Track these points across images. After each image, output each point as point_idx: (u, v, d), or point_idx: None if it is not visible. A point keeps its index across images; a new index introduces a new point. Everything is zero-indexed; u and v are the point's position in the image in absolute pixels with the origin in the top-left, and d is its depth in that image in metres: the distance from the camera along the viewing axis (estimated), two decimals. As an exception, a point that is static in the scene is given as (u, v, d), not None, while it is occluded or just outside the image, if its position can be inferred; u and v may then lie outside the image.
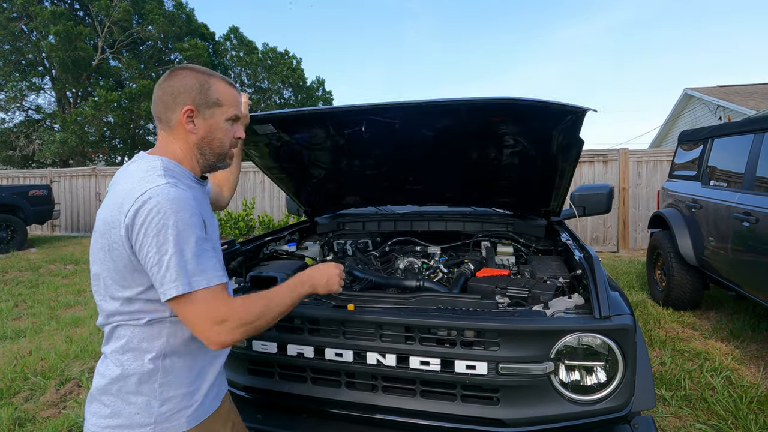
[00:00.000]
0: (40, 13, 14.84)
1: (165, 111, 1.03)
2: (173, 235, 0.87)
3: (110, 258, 0.93)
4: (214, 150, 1.07)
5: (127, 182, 0.94)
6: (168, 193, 0.89)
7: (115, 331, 0.97)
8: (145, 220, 0.87)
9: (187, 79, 1.02)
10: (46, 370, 3.04)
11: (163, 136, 1.05)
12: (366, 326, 1.32)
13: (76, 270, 6.65)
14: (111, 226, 0.91)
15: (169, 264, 0.86)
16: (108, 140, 18.61)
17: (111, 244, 0.92)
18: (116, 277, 0.93)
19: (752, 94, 13.04)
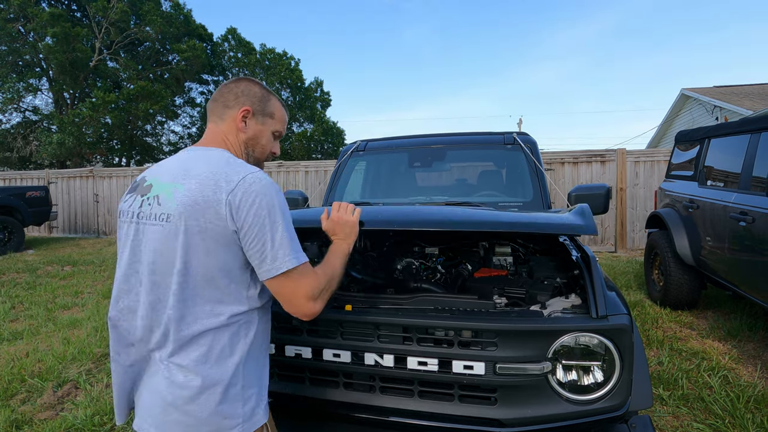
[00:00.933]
0: (38, 14, 14.81)
1: (224, 107, 1.11)
2: (281, 215, 0.96)
3: (201, 239, 0.93)
4: (256, 154, 1.16)
5: (209, 167, 0.98)
6: (265, 178, 0.98)
7: (195, 339, 0.95)
8: (255, 201, 0.93)
9: (253, 87, 1.13)
10: (43, 372, 3.03)
11: (213, 129, 1.12)
12: (364, 327, 1.32)
13: (74, 271, 6.63)
14: (206, 207, 0.93)
15: (282, 240, 0.95)
16: (105, 141, 18.57)
17: (206, 224, 0.93)
18: (208, 264, 0.94)
19: (749, 95, 13.09)
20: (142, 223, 1.00)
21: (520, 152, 2.77)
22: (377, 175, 3.16)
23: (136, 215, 1.02)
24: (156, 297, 0.97)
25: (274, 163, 10.17)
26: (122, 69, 17.70)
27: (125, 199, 1.07)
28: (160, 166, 1.07)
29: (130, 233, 1.02)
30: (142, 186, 1.05)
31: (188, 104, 22.07)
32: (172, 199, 0.96)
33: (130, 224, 1.03)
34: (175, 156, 1.08)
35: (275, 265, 0.94)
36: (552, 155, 8.29)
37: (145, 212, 1.00)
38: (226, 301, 0.97)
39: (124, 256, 1.03)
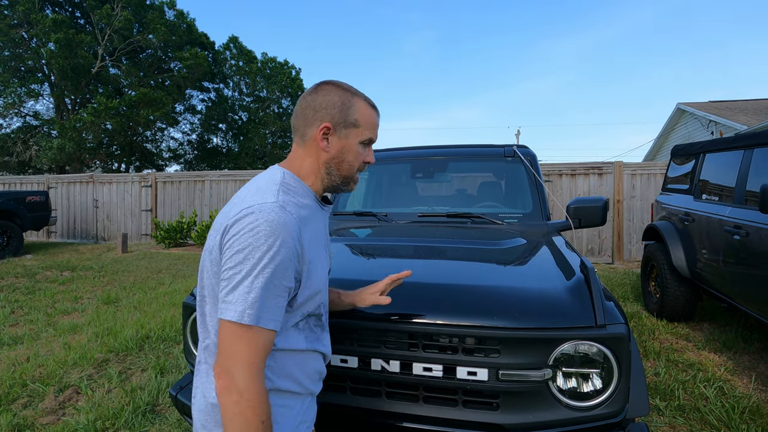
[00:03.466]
0: (41, 20, 14.94)
1: (303, 124, 1.01)
2: (254, 259, 0.83)
3: (209, 260, 0.92)
4: (342, 172, 1.03)
5: (245, 192, 0.95)
6: (269, 214, 0.85)
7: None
8: (239, 232, 0.85)
9: (331, 95, 1.00)
10: (44, 377, 3.04)
11: (296, 149, 1.04)
12: (370, 333, 1.36)
13: (73, 277, 6.63)
14: (216, 230, 0.91)
15: (238, 285, 0.83)
16: (106, 147, 18.61)
17: (213, 246, 0.91)
18: (211, 285, 0.92)
19: (743, 110, 13.28)
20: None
21: (520, 165, 2.83)
22: (379, 185, 3.22)
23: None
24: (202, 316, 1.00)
25: (274, 171, 10.22)
26: (124, 76, 17.82)
27: None
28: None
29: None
30: None
31: (189, 111, 22.18)
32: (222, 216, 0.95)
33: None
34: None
35: (221, 306, 0.84)
36: (550, 167, 8.38)
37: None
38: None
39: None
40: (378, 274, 1.66)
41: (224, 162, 22.82)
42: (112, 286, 5.96)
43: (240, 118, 23.15)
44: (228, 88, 22.62)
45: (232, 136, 23.40)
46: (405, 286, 1.48)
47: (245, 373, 0.81)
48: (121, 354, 3.50)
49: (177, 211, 10.79)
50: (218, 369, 0.83)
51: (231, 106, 22.58)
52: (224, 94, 22.54)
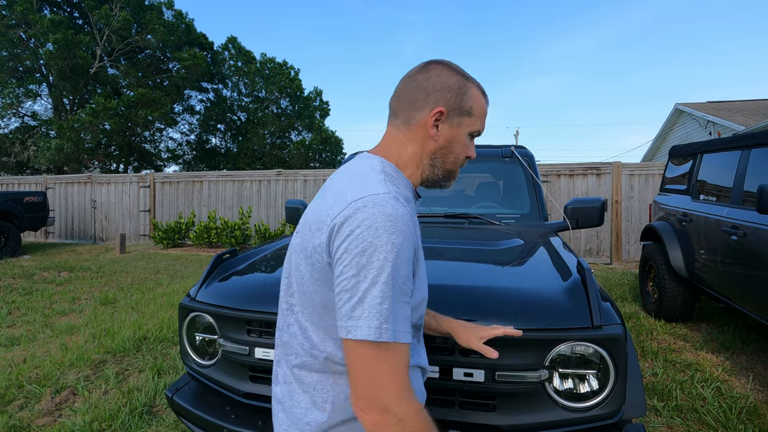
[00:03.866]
0: (40, 21, 14.92)
1: (409, 107, 0.87)
2: (380, 261, 0.69)
3: (306, 264, 0.79)
4: (447, 165, 0.91)
5: (342, 183, 0.81)
6: (386, 207, 0.72)
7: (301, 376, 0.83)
8: (354, 231, 0.71)
9: (447, 77, 0.87)
10: (41, 378, 3.03)
11: (394, 133, 0.90)
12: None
13: (71, 277, 6.62)
14: (315, 228, 0.78)
15: (366, 295, 0.69)
16: (104, 147, 18.59)
17: (313, 248, 0.77)
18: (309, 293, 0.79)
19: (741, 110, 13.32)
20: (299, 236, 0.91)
21: (517, 165, 2.83)
22: None
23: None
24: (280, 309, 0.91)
25: (272, 171, 10.23)
26: (122, 76, 17.80)
27: None
28: (335, 173, 0.93)
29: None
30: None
31: (187, 111, 22.16)
32: (306, 213, 0.86)
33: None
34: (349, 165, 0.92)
35: (348, 324, 0.70)
36: (548, 167, 8.39)
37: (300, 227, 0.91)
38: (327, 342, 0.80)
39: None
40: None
41: (223, 162, 22.81)
42: (110, 287, 5.95)
43: (239, 119, 23.14)
44: (227, 88, 22.62)
45: (230, 137, 23.38)
46: None
47: (398, 398, 0.68)
48: (118, 355, 3.49)
49: (175, 211, 10.78)
50: (362, 402, 0.69)
51: (230, 107, 22.57)
52: (223, 94, 22.54)
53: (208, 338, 1.61)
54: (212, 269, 1.74)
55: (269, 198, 10.18)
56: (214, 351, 1.60)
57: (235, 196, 10.44)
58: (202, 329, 1.63)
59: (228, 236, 9.29)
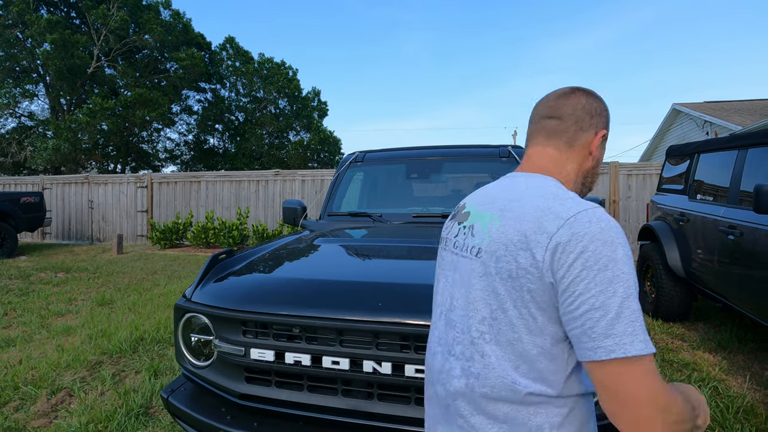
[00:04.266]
0: (36, 21, 14.87)
1: (576, 128, 0.90)
2: (624, 274, 0.67)
3: (510, 288, 0.74)
4: (592, 182, 0.96)
5: (533, 198, 0.79)
6: (609, 220, 0.71)
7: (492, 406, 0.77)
8: (588, 247, 0.68)
9: (602, 104, 0.93)
10: (36, 380, 3.02)
11: (551, 153, 0.91)
12: (362, 334, 1.35)
13: (67, 278, 6.59)
14: (520, 247, 0.74)
15: (621, 311, 0.65)
16: (101, 148, 18.54)
17: (517, 271, 0.73)
18: (509, 318, 0.75)
19: (738, 110, 13.36)
20: (455, 253, 0.89)
21: (515, 165, 2.83)
22: (375, 185, 3.21)
23: (453, 244, 0.91)
24: (452, 338, 0.84)
25: (270, 171, 10.22)
26: (120, 76, 17.76)
27: (446, 225, 0.99)
28: (481, 192, 0.93)
29: (444, 263, 0.93)
30: (460, 213, 0.95)
31: (185, 112, 22.13)
32: (486, 231, 0.81)
33: (446, 252, 0.94)
34: (497, 181, 0.94)
35: (606, 344, 0.65)
36: (546, 167, 8.39)
37: (460, 242, 0.88)
38: (530, 373, 0.74)
39: (438, 286, 0.94)
40: (371, 275, 1.65)
41: (221, 163, 22.77)
42: (107, 288, 5.93)
43: (237, 119, 23.11)
44: (224, 88, 22.59)
45: (228, 137, 23.36)
46: (398, 287, 1.47)
47: (669, 397, 0.66)
48: (114, 356, 3.47)
49: (173, 212, 10.76)
50: (648, 411, 0.65)
51: (227, 107, 22.55)
52: (221, 94, 22.51)
53: (203, 339, 1.60)
54: (208, 270, 1.74)
55: (267, 198, 10.16)
56: (210, 352, 1.60)
57: (233, 196, 10.42)
58: (197, 330, 1.63)
59: (226, 236, 9.27)
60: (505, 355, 0.75)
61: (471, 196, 0.96)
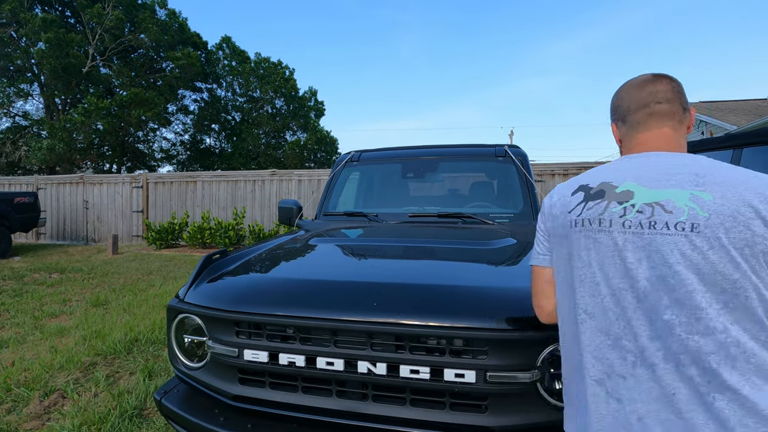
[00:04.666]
0: (31, 20, 14.77)
1: (681, 108, 1.00)
2: None
3: (745, 256, 0.79)
4: None
5: (729, 173, 0.85)
6: None
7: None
8: None
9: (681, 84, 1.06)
10: (29, 381, 2.98)
11: (669, 133, 0.98)
12: (357, 335, 1.34)
13: (62, 279, 6.54)
14: (749, 217, 0.79)
15: None
16: (97, 147, 18.44)
17: (753, 238, 0.78)
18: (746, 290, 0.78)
19: (733, 110, 13.43)
20: (635, 233, 0.87)
21: (511, 164, 2.83)
22: (371, 185, 3.20)
23: (622, 224, 0.89)
24: (672, 317, 0.82)
25: (266, 171, 10.19)
26: (115, 75, 17.67)
27: (588, 206, 0.95)
28: (633, 171, 0.93)
29: (604, 245, 0.90)
30: (612, 192, 0.93)
31: (181, 111, 22.04)
32: (693, 206, 0.83)
33: (605, 233, 0.90)
34: (633, 160, 0.97)
35: None
36: (542, 167, 8.41)
37: (643, 221, 0.87)
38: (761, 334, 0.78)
39: (593, 269, 0.91)
40: (366, 275, 1.64)
41: (217, 162, 22.70)
42: (102, 288, 5.89)
43: (233, 119, 23.05)
44: (221, 88, 22.52)
45: (225, 137, 23.29)
46: (392, 287, 1.46)
47: None
48: (109, 357, 3.44)
49: (168, 212, 10.71)
50: None
51: (224, 107, 22.48)
52: (217, 94, 22.44)
53: (196, 340, 1.58)
54: (201, 270, 1.72)
55: (263, 198, 10.13)
56: (203, 353, 1.58)
57: (229, 196, 10.38)
58: (190, 331, 1.61)
59: (222, 237, 9.23)
60: (739, 322, 0.79)
61: (603, 174, 0.98)
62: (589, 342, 0.91)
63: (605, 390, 0.88)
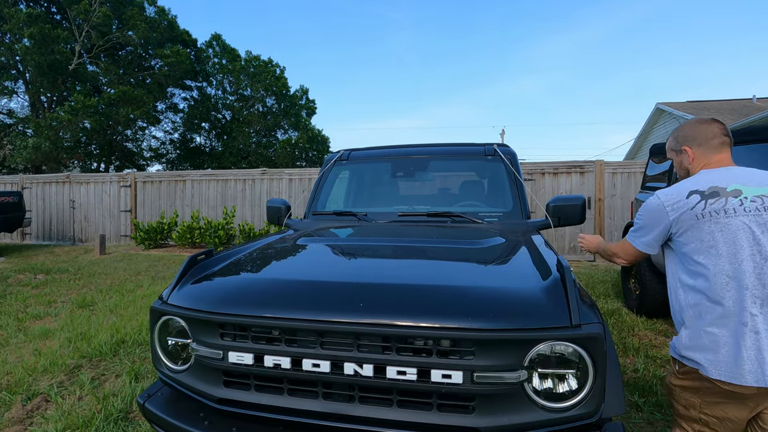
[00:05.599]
0: (15, 15, 14.47)
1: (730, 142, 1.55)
2: None
3: None
4: None
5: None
6: None
7: None
8: None
9: None
10: (12, 385, 2.92)
11: (729, 158, 1.52)
12: (343, 336, 1.32)
13: (47, 280, 6.43)
14: None
15: None
16: (84, 146, 18.15)
17: None
18: None
19: (719, 110, 13.62)
20: (756, 214, 1.32)
21: (500, 163, 2.83)
22: (360, 184, 3.18)
23: (744, 209, 1.34)
24: None
25: (257, 170, 10.11)
26: (103, 73, 17.39)
27: (709, 203, 1.39)
28: (733, 177, 1.42)
29: (732, 227, 1.33)
30: (724, 191, 1.39)
31: (170, 110, 21.78)
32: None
33: (730, 218, 1.34)
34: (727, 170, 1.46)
35: None
36: (533, 166, 8.45)
37: (759, 206, 1.33)
38: None
39: (732, 247, 1.33)
40: (353, 275, 1.62)
41: (207, 161, 22.49)
42: (88, 289, 5.79)
43: (223, 117, 22.84)
44: (211, 86, 22.30)
45: (215, 135, 23.07)
46: (378, 287, 1.44)
47: None
48: (94, 360, 3.39)
49: (157, 211, 10.58)
50: None
51: (214, 105, 22.26)
52: (207, 92, 22.22)
53: (180, 342, 1.55)
54: (185, 271, 1.69)
55: (254, 197, 10.05)
56: (187, 356, 1.55)
57: (219, 195, 10.28)
58: (174, 333, 1.58)
59: (212, 236, 9.14)
60: None
61: (721, 180, 1.42)
62: (735, 294, 1.32)
63: (747, 327, 1.29)
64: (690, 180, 1.49)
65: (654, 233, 1.52)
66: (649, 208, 1.53)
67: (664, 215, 1.47)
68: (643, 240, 1.57)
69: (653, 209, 1.51)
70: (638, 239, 1.59)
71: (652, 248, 1.55)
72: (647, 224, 1.54)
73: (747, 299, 1.29)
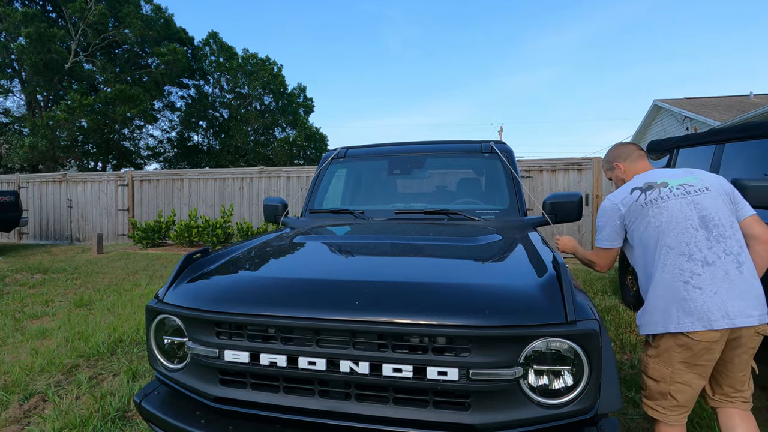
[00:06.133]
0: (11, 14, 14.39)
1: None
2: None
3: (725, 201, 1.68)
4: None
5: (700, 173, 1.76)
6: None
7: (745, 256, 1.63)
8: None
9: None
10: (9, 385, 2.92)
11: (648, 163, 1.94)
12: (339, 334, 1.32)
13: (44, 279, 6.41)
14: (721, 183, 1.73)
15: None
16: (81, 145, 18.08)
17: (725, 194, 1.70)
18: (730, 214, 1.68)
19: (717, 107, 13.63)
20: (684, 194, 1.69)
21: (497, 160, 2.82)
22: (357, 182, 3.18)
23: (673, 193, 1.70)
24: (719, 234, 1.62)
25: (255, 168, 10.09)
26: (99, 72, 17.32)
27: (646, 193, 1.75)
28: (658, 175, 1.80)
29: (671, 203, 1.68)
30: (655, 183, 1.76)
31: (168, 108, 21.71)
32: (700, 181, 1.72)
33: (664, 199, 1.70)
34: (655, 171, 1.85)
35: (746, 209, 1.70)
36: (530, 163, 8.45)
37: (684, 190, 1.70)
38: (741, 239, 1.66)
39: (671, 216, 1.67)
40: (349, 273, 1.62)
41: (205, 160, 22.44)
42: (86, 289, 5.78)
43: (221, 115, 22.77)
44: (208, 84, 22.23)
45: (213, 134, 23.02)
46: (374, 285, 1.44)
47: None
48: (92, 359, 3.38)
49: (155, 210, 10.55)
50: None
51: (211, 103, 22.19)
52: (204, 90, 22.14)
53: (176, 341, 1.55)
54: (181, 270, 1.68)
55: (252, 195, 10.04)
56: (183, 354, 1.55)
57: (217, 194, 10.26)
58: (170, 332, 1.57)
59: (209, 235, 9.13)
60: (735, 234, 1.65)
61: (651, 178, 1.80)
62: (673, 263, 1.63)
63: (692, 286, 1.58)
64: (629, 183, 1.85)
65: (610, 227, 1.82)
66: (604, 209, 1.86)
67: (616, 210, 1.80)
68: (602, 236, 1.87)
69: (608, 209, 1.84)
70: (602, 241, 1.87)
71: (615, 241, 1.83)
72: (606, 223, 1.84)
73: (687, 263, 1.60)
